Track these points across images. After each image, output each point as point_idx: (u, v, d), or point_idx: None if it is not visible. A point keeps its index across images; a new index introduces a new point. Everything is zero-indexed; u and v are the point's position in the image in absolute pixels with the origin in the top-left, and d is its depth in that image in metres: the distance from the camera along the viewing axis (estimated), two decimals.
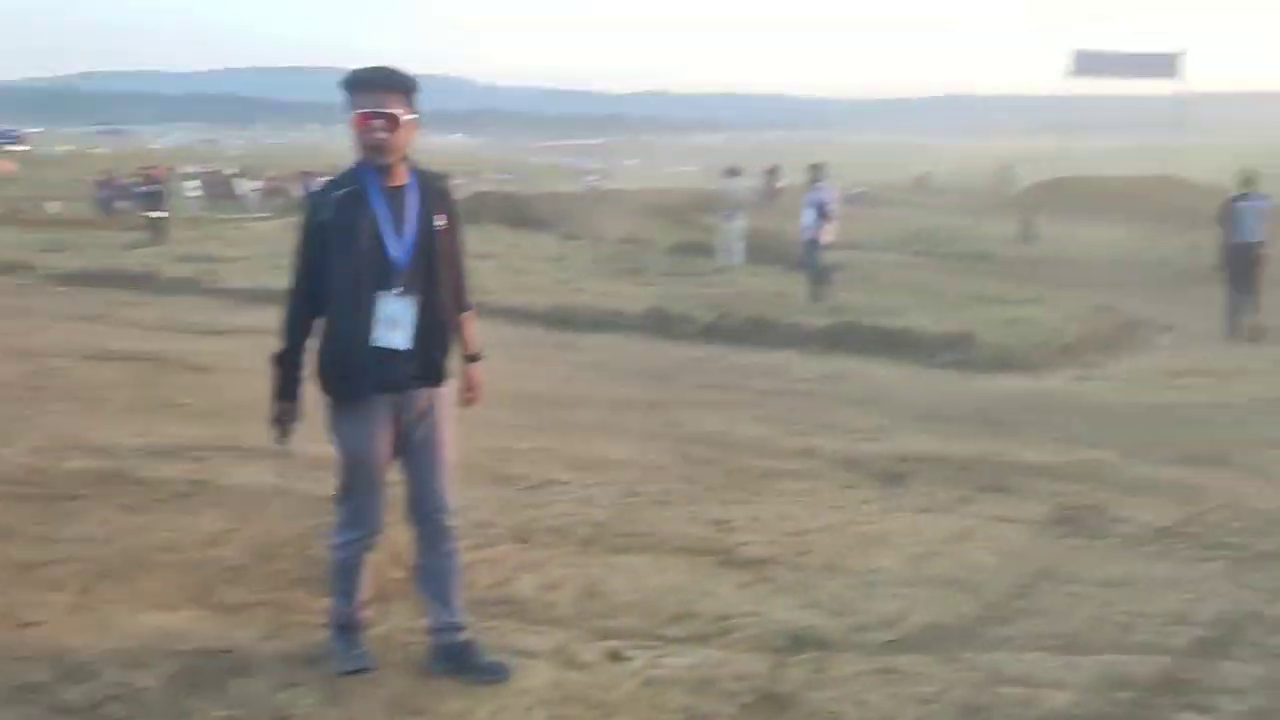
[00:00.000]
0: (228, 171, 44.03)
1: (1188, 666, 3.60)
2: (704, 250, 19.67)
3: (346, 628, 3.43)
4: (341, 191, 3.21)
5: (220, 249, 19.07)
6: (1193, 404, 8.49)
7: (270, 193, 37.35)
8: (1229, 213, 11.76)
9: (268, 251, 18.69)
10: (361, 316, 3.17)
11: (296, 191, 36.55)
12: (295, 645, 3.55)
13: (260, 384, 3.58)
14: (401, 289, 3.19)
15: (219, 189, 38.09)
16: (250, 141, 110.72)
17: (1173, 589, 4.28)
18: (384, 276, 3.18)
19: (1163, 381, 9.47)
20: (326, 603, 3.52)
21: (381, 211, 3.18)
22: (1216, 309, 11.94)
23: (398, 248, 3.20)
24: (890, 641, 3.75)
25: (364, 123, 3.15)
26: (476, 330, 3.54)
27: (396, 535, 4.56)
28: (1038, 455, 6.36)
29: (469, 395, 3.52)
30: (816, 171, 14.91)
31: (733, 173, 19.71)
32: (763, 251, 19.50)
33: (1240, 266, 11.56)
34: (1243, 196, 11.80)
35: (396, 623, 3.73)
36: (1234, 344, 11.22)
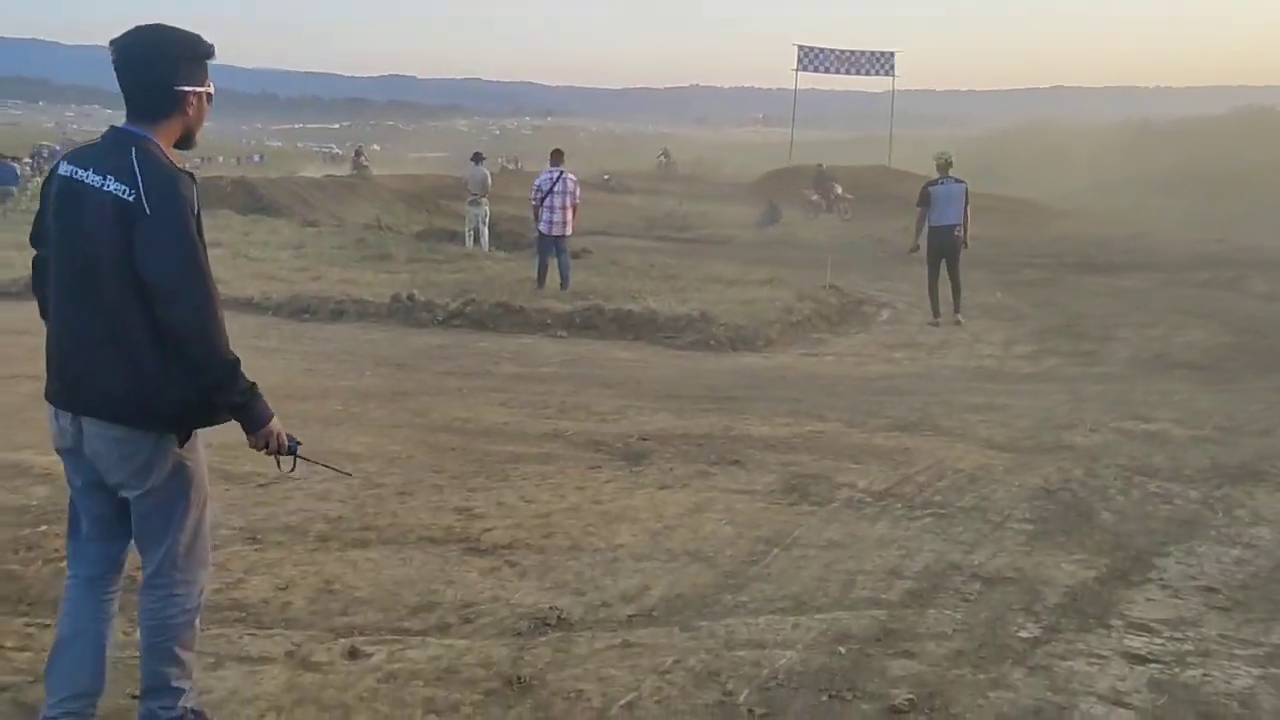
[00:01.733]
0: None
1: (900, 617, 3.90)
2: (451, 236, 19.43)
3: (194, 708, 2.88)
4: (186, 176, 2.66)
5: None
6: (905, 375, 9.23)
7: None
8: (926, 196, 12.15)
9: None
10: None
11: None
12: None
13: None
14: None
15: None
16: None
17: (887, 546, 4.63)
18: None
19: (880, 355, 10.23)
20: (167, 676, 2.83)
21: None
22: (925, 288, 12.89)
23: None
24: (631, 616, 3.84)
25: (209, 104, 2.74)
26: None
27: None
28: (769, 429, 6.70)
29: None
30: (556, 158, 14.18)
31: (478, 158, 19.53)
32: (507, 238, 19.51)
33: (936, 248, 12.09)
34: (937, 181, 12.20)
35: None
36: (938, 320, 12.12)
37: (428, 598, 3.93)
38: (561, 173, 13.57)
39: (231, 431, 3.01)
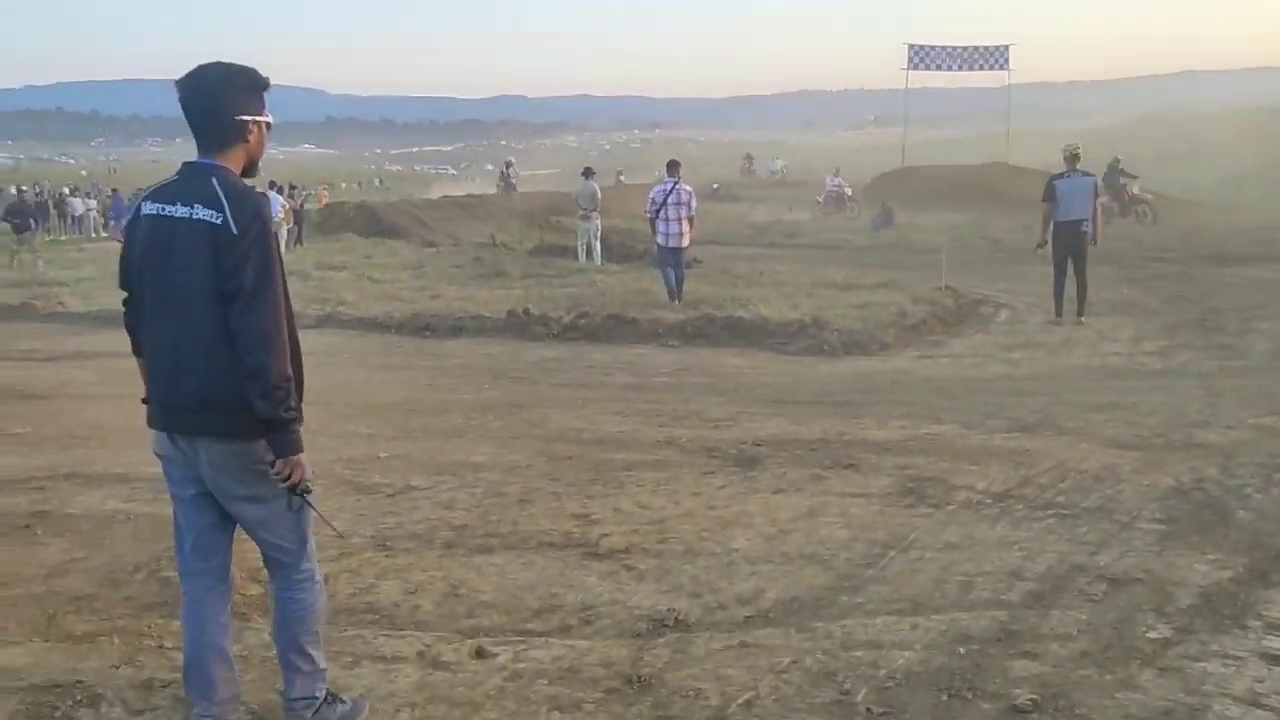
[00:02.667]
0: (61, 190, 41.89)
1: (1021, 618, 3.85)
2: (563, 252, 19.76)
3: (330, 689, 3.10)
4: (264, 200, 2.89)
5: (56, 272, 18.17)
6: (1024, 376, 9.01)
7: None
8: (1051, 191, 11.74)
9: (106, 273, 17.94)
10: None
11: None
12: (149, 671, 3.46)
13: (100, 410, 3.46)
14: None
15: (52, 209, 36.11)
16: (85, 160, 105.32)
17: (1007, 548, 4.56)
18: None
19: (998, 356, 10.01)
20: (316, 659, 3.06)
21: None
22: (1048, 286, 12.52)
23: None
24: (748, 618, 3.88)
25: (268, 132, 2.91)
26: None
27: (248, 551, 4.51)
28: (883, 432, 6.65)
29: None
30: (672, 169, 13.93)
31: (588, 173, 19.83)
32: (618, 250, 19.74)
33: (1062, 245, 11.68)
34: (1064, 174, 11.75)
35: (253, 639, 3.67)
36: (1061, 320, 11.76)
37: (549, 601, 4.05)
38: (675, 184, 13.44)
39: (361, 446, 3.19)
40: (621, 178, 36.54)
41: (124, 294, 2.96)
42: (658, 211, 13.31)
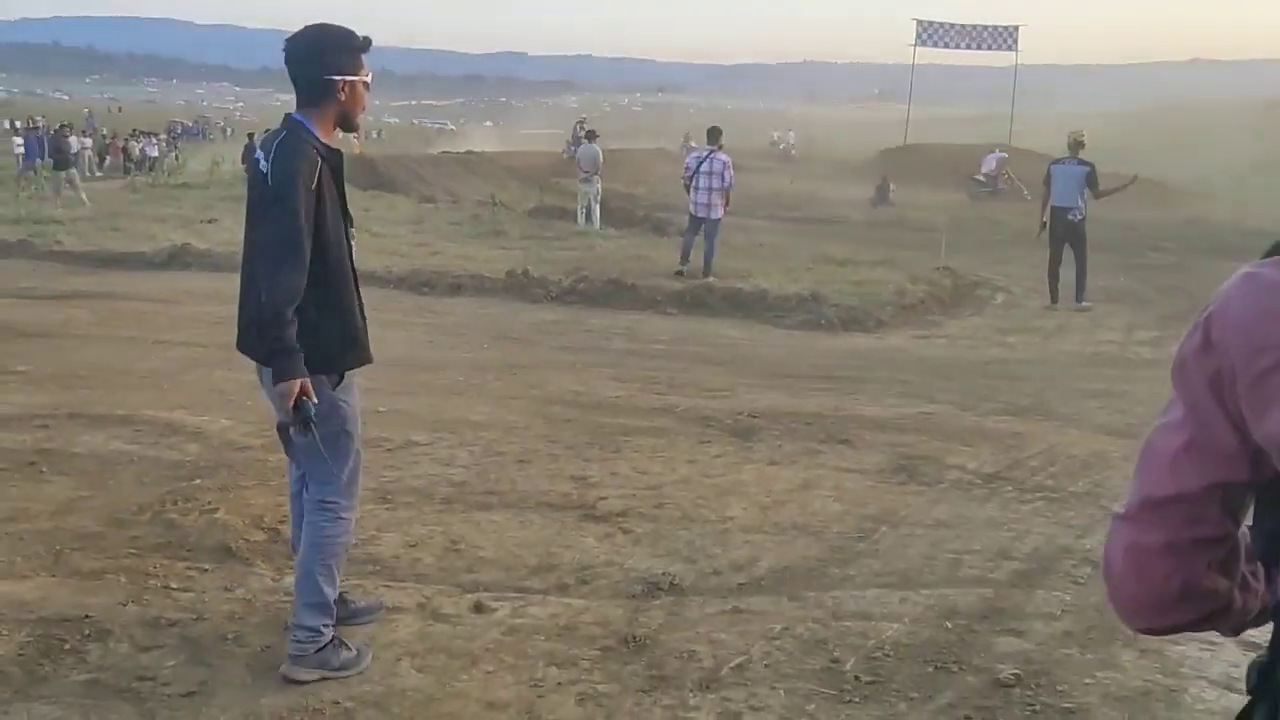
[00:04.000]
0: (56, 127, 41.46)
1: (1007, 596, 3.95)
2: (563, 214, 19.73)
3: (336, 634, 3.24)
4: (319, 164, 3.01)
5: (53, 210, 18.08)
6: (1019, 360, 9.10)
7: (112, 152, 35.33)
8: (1049, 175, 11.83)
9: (105, 213, 17.87)
10: (353, 286, 3.17)
11: (137, 153, 34.78)
12: (155, 610, 3.54)
13: (102, 350, 3.52)
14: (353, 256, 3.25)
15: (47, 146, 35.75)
16: (81, 97, 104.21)
17: (996, 528, 4.65)
18: (349, 243, 3.21)
19: (994, 339, 10.09)
20: (323, 592, 3.20)
21: (340, 179, 3.15)
22: (1045, 270, 12.58)
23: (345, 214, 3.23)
24: (741, 585, 3.98)
25: (367, 90, 3.17)
26: None
27: (252, 497, 4.58)
28: (878, 409, 6.74)
29: None
30: (714, 136, 13.34)
31: (591, 136, 19.75)
32: (618, 214, 19.73)
33: (1054, 229, 11.74)
34: (1061, 160, 11.83)
35: (257, 584, 3.75)
36: (1056, 305, 11.83)
37: (547, 559, 4.14)
38: (711, 153, 13.10)
39: (361, 400, 3.27)
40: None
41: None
42: (691, 178, 13.12)
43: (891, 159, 35.11)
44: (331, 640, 3.17)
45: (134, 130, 40.07)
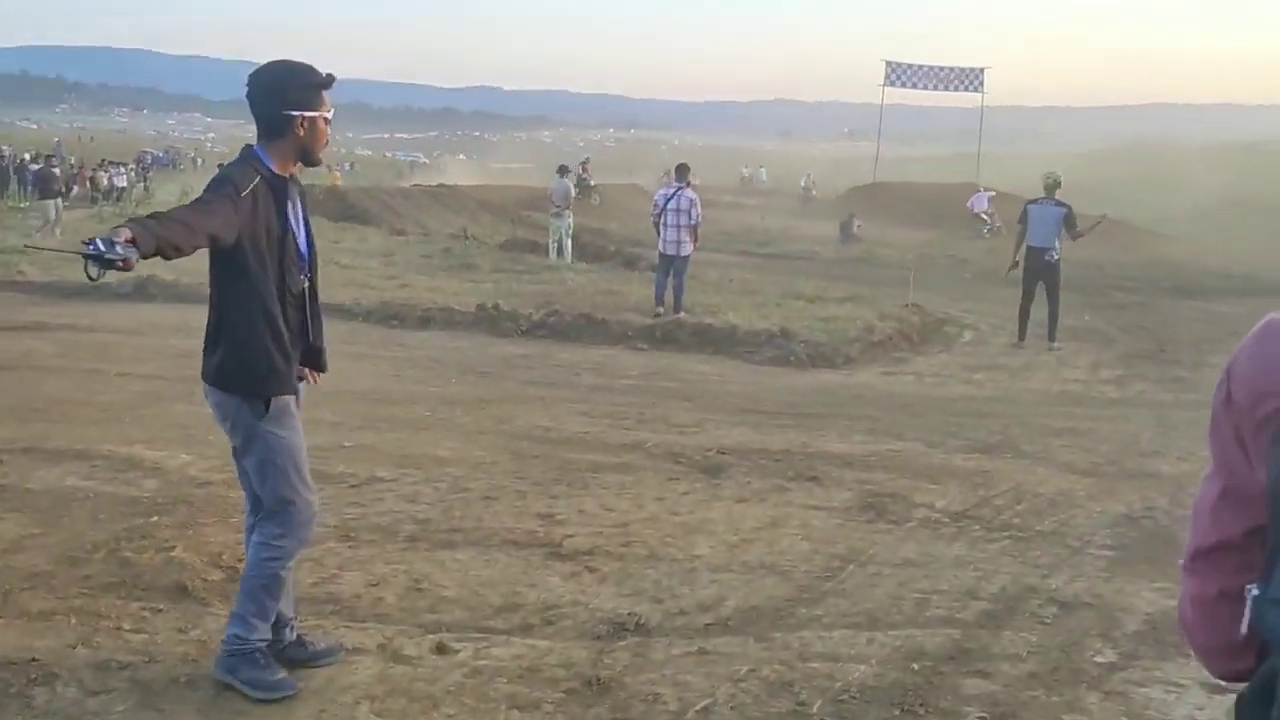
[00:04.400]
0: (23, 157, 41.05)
1: (974, 636, 3.93)
2: (534, 248, 19.74)
3: (261, 651, 3.26)
4: (256, 179, 3.09)
5: (17, 239, 17.85)
6: (986, 397, 9.15)
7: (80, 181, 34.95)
8: (1024, 215, 11.91)
9: (71, 244, 17.66)
10: (287, 309, 3.19)
11: (105, 183, 34.48)
12: (106, 652, 3.44)
13: (61, 383, 3.46)
14: (307, 281, 3.29)
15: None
16: (49, 126, 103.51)
17: (963, 567, 4.65)
18: (299, 269, 3.23)
19: (961, 376, 10.15)
20: (248, 608, 3.26)
21: (293, 205, 3.22)
22: (1013, 308, 12.67)
23: (303, 241, 3.28)
24: (708, 625, 3.93)
25: (327, 125, 3.22)
26: None
27: (211, 535, 4.49)
28: (846, 446, 6.73)
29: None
30: (680, 173, 13.48)
31: (563, 171, 19.82)
32: (590, 249, 19.76)
33: (1028, 269, 11.82)
34: (1038, 200, 11.89)
35: (212, 624, 3.66)
36: (1023, 344, 11.90)
37: (511, 599, 4.08)
38: (679, 190, 13.07)
39: (326, 434, 3.23)
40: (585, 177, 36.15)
41: None
42: (659, 216, 13.08)
43: (861, 196, 35.47)
44: (253, 653, 3.20)
45: (102, 160, 39.64)
